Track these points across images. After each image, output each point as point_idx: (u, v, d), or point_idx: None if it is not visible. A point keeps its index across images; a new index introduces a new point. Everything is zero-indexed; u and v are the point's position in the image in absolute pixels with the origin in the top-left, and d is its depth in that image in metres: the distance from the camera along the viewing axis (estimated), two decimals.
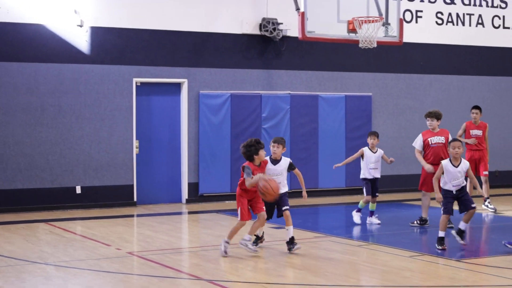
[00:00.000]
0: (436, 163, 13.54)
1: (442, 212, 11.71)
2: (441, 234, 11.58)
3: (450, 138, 13.69)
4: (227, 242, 11.08)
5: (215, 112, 18.01)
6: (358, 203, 14.45)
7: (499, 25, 21.61)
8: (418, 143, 14.05)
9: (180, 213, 16.66)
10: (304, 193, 12.10)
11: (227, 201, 17.87)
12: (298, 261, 10.88)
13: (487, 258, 11.25)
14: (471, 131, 16.56)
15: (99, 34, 16.92)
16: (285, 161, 11.68)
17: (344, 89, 19.53)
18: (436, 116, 13.99)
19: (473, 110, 16.64)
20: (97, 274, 9.93)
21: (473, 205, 11.63)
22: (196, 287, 9.29)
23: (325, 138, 19.00)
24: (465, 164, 11.73)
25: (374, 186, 14.16)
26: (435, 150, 13.80)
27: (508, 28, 21.72)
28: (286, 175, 11.73)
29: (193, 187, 17.95)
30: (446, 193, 11.71)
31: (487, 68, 21.45)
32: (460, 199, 11.72)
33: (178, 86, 17.94)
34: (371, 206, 14.27)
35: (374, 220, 14.28)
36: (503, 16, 21.62)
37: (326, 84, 19.35)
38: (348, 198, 18.57)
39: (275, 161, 11.56)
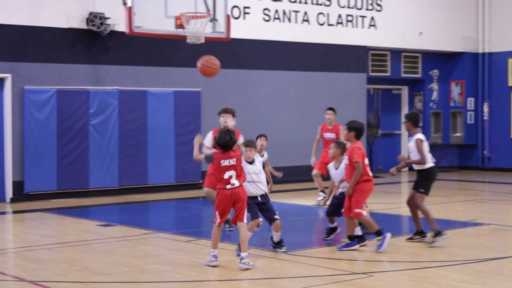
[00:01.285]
0: None
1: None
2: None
3: (241, 138, 12.64)
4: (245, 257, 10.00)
5: (40, 108, 17.55)
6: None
7: (324, 22, 22.25)
8: (208, 140, 12.89)
9: (4, 213, 16.12)
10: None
11: (53, 200, 17.51)
12: (126, 258, 10.80)
13: (311, 249, 11.56)
14: (324, 134, 16.34)
15: None
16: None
17: (173, 85, 19.53)
18: (232, 112, 12.99)
19: (327, 111, 16.41)
20: None
21: (275, 217, 11.00)
22: None
23: (154, 134, 18.91)
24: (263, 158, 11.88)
25: None
26: None
27: (332, 25, 22.41)
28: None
29: (18, 186, 17.42)
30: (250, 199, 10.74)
31: (312, 64, 22.05)
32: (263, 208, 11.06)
33: (1, 81, 17.37)
34: None
35: None
36: (328, 14, 22.29)
37: (155, 79, 19.29)
38: (177, 194, 18.61)
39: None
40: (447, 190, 19.57)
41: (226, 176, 10.06)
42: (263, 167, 11.11)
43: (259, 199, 10.88)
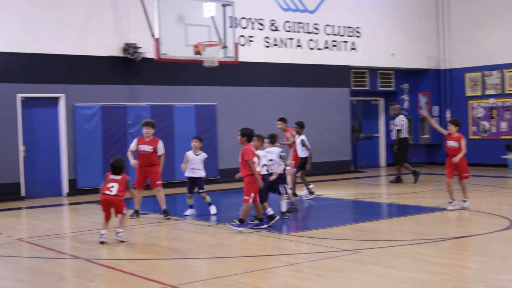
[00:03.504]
0: (144, 166, 13.02)
1: None
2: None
3: (159, 146, 13.07)
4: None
5: (88, 121, 17.85)
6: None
7: (313, 47, 22.43)
8: (132, 145, 13.25)
9: (61, 205, 16.38)
10: None
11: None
12: (162, 241, 10.89)
13: (309, 231, 11.66)
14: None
15: None
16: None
17: (194, 100, 19.75)
18: (152, 125, 13.20)
19: (277, 121, 15.99)
20: None
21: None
22: (75, 265, 9.30)
23: (180, 140, 19.07)
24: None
25: (197, 183, 13.34)
26: (142, 156, 13.08)
27: (321, 49, 22.58)
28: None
29: (72, 183, 17.74)
30: None
31: (305, 81, 22.21)
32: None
33: (56, 99, 17.67)
34: (207, 199, 13.55)
35: (212, 210, 13.58)
36: (317, 40, 22.46)
37: (179, 96, 19.51)
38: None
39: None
40: (418, 181, 19.46)
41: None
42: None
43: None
